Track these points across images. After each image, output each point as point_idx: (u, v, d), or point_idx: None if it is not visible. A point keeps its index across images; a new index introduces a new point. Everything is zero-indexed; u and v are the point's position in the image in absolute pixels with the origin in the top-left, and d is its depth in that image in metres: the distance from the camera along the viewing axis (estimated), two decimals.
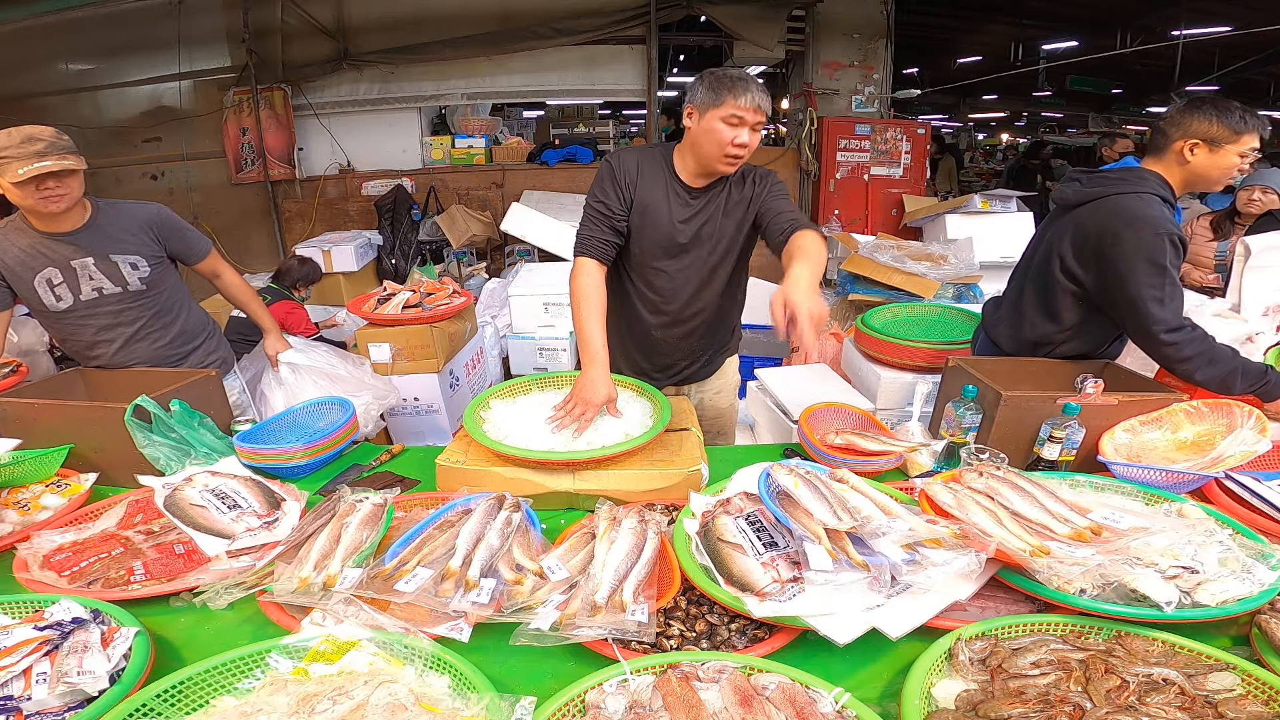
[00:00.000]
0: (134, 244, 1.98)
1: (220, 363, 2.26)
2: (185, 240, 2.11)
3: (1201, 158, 1.69)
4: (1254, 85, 10.73)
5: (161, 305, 2.08)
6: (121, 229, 1.96)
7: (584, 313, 1.75)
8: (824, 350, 4.32)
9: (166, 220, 2.06)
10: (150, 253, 2.01)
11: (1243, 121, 1.64)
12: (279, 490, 1.51)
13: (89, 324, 2.00)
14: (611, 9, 5.17)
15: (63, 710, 0.91)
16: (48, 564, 1.27)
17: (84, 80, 5.55)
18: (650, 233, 1.81)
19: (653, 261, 1.86)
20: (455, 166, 5.64)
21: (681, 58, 9.56)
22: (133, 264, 1.97)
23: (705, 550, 1.19)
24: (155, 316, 2.07)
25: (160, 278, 2.06)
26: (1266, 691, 0.91)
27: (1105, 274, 1.72)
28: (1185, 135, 1.70)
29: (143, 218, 2.01)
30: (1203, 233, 3.45)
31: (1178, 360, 1.66)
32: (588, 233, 1.81)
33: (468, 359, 3.32)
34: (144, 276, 2.00)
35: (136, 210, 2.02)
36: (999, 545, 1.11)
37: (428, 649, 1.00)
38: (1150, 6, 7.29)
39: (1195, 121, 1.67)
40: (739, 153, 1.65)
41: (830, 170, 5.58)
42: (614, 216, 1.79)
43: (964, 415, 1.65)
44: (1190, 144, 1.69)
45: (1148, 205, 1.69)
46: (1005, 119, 15.83)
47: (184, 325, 2.15)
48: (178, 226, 2.10)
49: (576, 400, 1.63)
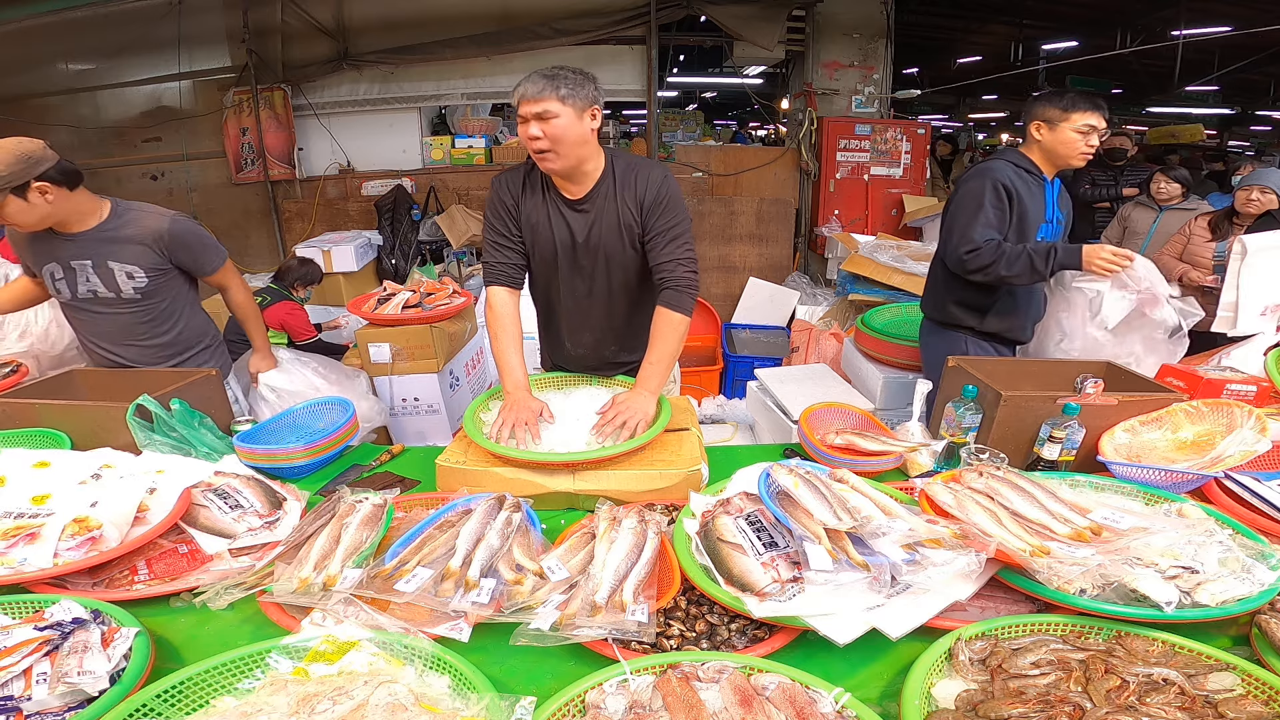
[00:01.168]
0: (135, 254, 1.96)
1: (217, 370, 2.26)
2: (195, 256, 2.08)
3: (1046, 135, 2.08)
4: (1254, 85, 10.71)
5: (156, 314, 2.07)
6: (128, 237, 1.96)
7: (501, 344, 1.79)
8: (824, 350, 4.33)
9: (179, 236, 2.02)
10: (151, 264, 1.99)
11: (1072, 103, 2.01)
12: (280, 490, 1.51)
13: (83, 319, 2.06)
14: (611, 9, 5.16)
15: (63, 710, 0.91)
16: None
17: (84, 80, 5.54)
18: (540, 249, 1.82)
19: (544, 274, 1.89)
20: (455, 166, 5.64)
21: (681, 58, 9.55)
22: (129, 273, 1.96)
23: (705, 550, 1.19)
24: (147, 324, 2.07)
25: (159, 288, 2.04)
26: (1266, 691, 0.91)
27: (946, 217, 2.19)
28: (1032, 119, 2.10)
29: (154, 229, 1.98)
30: (1201, 233, 3.44)
31: (980, 268, 2.03)
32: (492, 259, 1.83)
33: (468, 359, 3.32)
34: (139, 286, 1.99)
35: (151, 221, 1.99)
36: (999, 545, 1.11)
37: (428, 649, 1.00)
38: (1150, 6, 7.28)
39: (1037, 107, 2.08)
40: (532, 145, 1.61)
41: (830, 170, 5.58)
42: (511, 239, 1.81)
43: (964, 415, 1.65)
44: (1036, 125, 2.09)
45: (989, 165, 2.13)
46: (1005, 119, 15.82)
47: (179, 335, 2.14)
48: (190, 244, 2.05)
49: (514, 419, 1.62)
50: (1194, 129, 10.85)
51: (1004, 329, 2.23)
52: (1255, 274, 2.33)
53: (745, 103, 12.64)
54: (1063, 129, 2.03)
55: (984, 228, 2.04)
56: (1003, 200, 2.06)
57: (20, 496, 1.36)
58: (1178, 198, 4.13)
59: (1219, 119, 13.04)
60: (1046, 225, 2.15)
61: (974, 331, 2.26)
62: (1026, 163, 2.13)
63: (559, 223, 1.77)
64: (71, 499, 1.35)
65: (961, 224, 2.08)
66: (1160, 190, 4.15)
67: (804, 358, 4.52)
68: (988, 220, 2.04)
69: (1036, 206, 2.11)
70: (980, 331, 2.25)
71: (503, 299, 1.82)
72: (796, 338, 4.79)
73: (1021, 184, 2.09)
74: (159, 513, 1.37)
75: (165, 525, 1.33)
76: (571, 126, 1.59)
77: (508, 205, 1.79)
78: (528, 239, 1.82)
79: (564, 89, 1.57)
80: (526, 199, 1.79)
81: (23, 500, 1.35)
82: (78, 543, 1.24)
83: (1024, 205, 2.08)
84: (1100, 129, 2.02)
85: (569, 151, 1.62)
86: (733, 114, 14.53)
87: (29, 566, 1.19)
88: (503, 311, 1.81)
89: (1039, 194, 2.13)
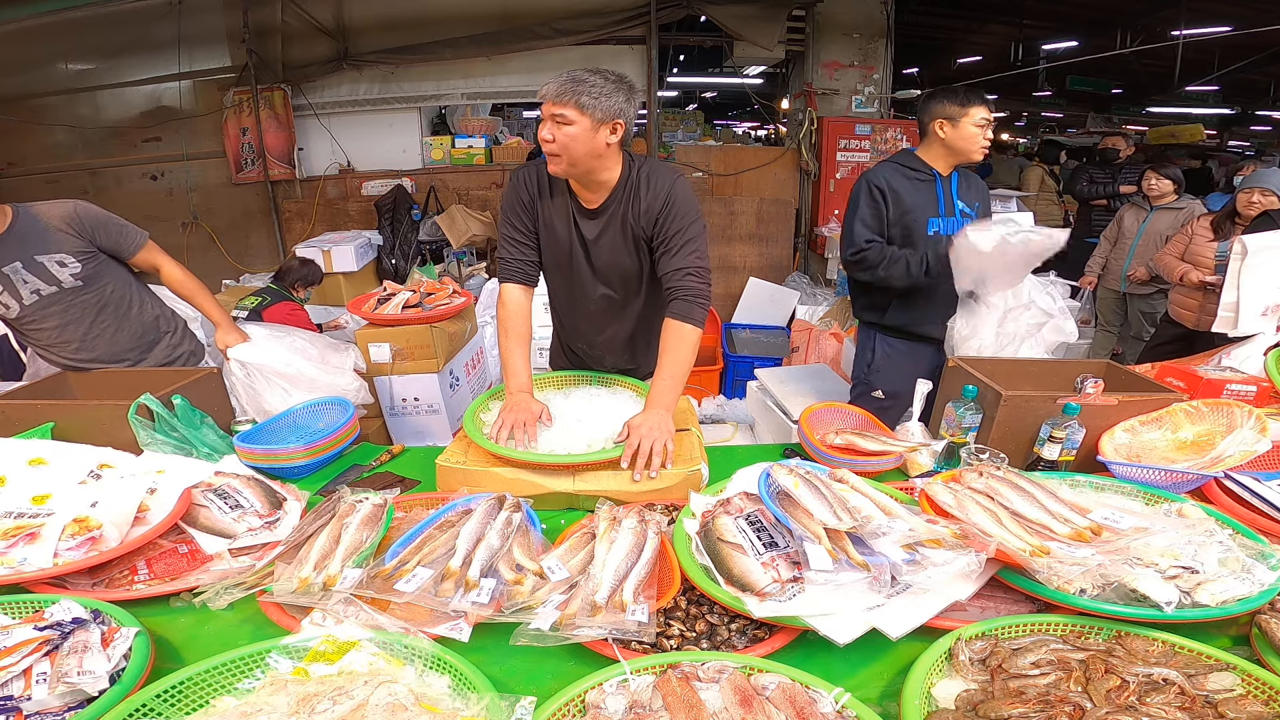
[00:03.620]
0: (56, 242, 1.98)
1: (188, 355, 2.26)
2: (112, 232, 2.08)
3: (949, 131, 2.15)
4: (1254, 85, 10.71)
5: (107, 300, 2.07)
6: (40, 230, 1.97)
7: (509, 343, 1.78)
8: (824, 350, 4.33)
9: (85, 214, 2.03)
10: (76, 248, 2.00)
11: (967, 99, 2.12)
12: (280, 490, 1.51)
13: (44, 326, 2.04)
14: (611, 9, 5.16)
15: (63, 710, 0.91)
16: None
17: (84, 80, 5.54)
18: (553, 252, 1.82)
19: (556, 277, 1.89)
20: (455, 166, 5.64)
21: (681, 58, 9.55)
22: (59, 261, 1.97)
23: (705, 550, 1.19)
24: (104, 311, 2.06)
25: (97, 272, 2.05)
26: (1266, 691, 0.91)
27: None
28: (932, 118, 2.18)
29: (59, 215, 2.00)
30: (1203, 233, 3.44)
31: (866, 267, 2.18)
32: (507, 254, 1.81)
33: (468, 359, 3.32)
34: (76, 273, 2.00)
35: (53, 209, 2.01)
36: (999, 545, 1.11)
37: (428, 649, 1.00)
38: (1150, 6, 7.28)
39: (936, 105, 2.17)
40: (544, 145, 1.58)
41: (830, 170, 5.57)
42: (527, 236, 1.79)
43: (964, 415, 1.65)
44: (938, 123, 2.17)
45: (870, 169, 2.26)
46: (1005, 119, 15.85)
47: (141, 319, 2.15)
48: (100, 219, 2.06)
49: (513, 421, 1.59)
50: (1194, 129, 10.86)
51: (906, 323, 2.32)
52: (1256, 274, 2.33)
53: (745, 103, 12.63)
54: (963, 124, 2.13)
55: (861, 227, 2.19)
56: (877, 200, 2.19)
57: (20, 496, 1.36)
58: (1169, 195, 4.13)
59: (1219, 119, 13.04)
60: (942, 219, 2.23)
61: (880, 327, 2.38)
62: (914, 161, 2.24)
63: (574, 229, 1.76)
64: (72, 499, 1.35)
65: (845, 228, 2.26)
66: (1151, 187, 4.16)
67: (804, 358, 4.52)
68: (864, 220, 2.20)
69: (922, 201, 2.21)
70: (885, 327, 2.37)
71: (516, 296, 1.81)
72: (796, 338, 4.79)
73: (903, 181, 2.20)
74: (159, 513, 1.37)
75: (165, 525, 1.33)
76: (583, 137, 1.54)
77: (524, 202, 1.77)
78: (543, 239, 1.80)
79: (586, 96, 1.52)
80: (544, 200, 1.76)
81: (23, 500, 1.35)
82: (78, 543, 1.24)
83: (904, 202, 2.19)
84: (992, 121, 2.15)
85: (576, 160, 1.59)
86: (733, 114, 14.53)
87: (29, 566, 1.20)
88: (515, 310, 1.80)
89: (926, 189, 2.22)
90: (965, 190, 2.29)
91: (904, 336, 2.35)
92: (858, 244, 2.19)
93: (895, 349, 2.37)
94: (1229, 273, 2.38)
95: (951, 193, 2.25)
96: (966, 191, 2.29)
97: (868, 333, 2.44)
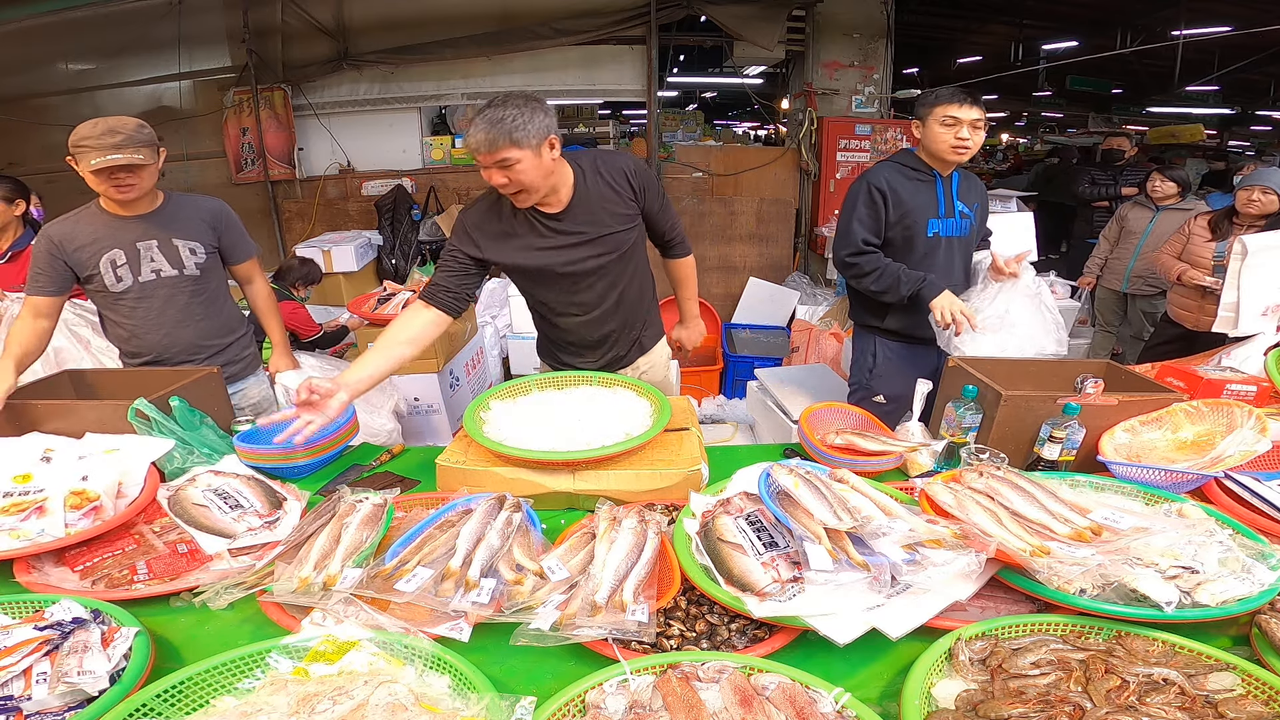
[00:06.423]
0: (196, 231, 2.11)
1: (251, 359, 2.36)
2: (237, 240, 2.24)
3: (922, 132, 2.18)
4: (1254, 85, 10.71)
5: (210, 293, 2.18)
6: (187, 217, 2.10)
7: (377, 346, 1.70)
8: (824, 350, 4.33)
9: (227, 215, 2.21)
10: (208, 241, 2.14)
11: (936, 97, 2.12)
12: (280, 490, 1.51)
13: (141, 307, 2.08)
14: (611, 9, 5.16)
15: (63, 710, 0.91)
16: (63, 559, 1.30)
17: (84, 80, 5.53)
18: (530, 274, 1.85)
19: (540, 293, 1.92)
20: (455, 166, 5.63)
21: (681, 58, 9.55)
22: (191, 249, 2.09)
23: (705, 550, 1.19)
24: (204, 303, 2.16)
25: (212, 266, 2.17)
26: (1266, 691, 0.91)
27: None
28: (913, 119, 2.23)
29: (207, 208, 2.16)
30: (1200, 233, 3.44)
31: (861, 275, 2.20)
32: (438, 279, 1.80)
33: (468, 359, 3.33)
34: (200, 263, 2.11)
35: (202, 202, 2.18)
36: (999, 545, 1.11)
37: (428, 649, 1.00)
38: (1150, 6, 7.28)
39: (916, 108, 2.22)
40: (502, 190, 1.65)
41: (830, 170, 5.57)
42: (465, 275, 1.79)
43: (964, 415, 1.65)
44: (914, 124, 2.22)
45: (870, 168, 2.27)
46: (1005, 119, 15.84)
47: (226, 317, 2.26)
48: (234, 222, 2.24)
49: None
50: (1194, 129, 10.86)
51: (904, 327, 2.30)
52: (1256, 274, 2.33)
53: (745, 102, 12.63)
54: (930, 124, 2.14)
55: (859, 226, 2.19)
56: (876, 201, 2.19)
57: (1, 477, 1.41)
58: (1174, 197, 4.13)
59: (1219, 119, 13.04)
60: (941, 220, 2.23)
61: (880, 330, 2.37)
62: (914, 161, 2.24)
63: (543, 242, 1.78)
64: (61, 474, 1.41)
65: (841, 226, 2.26)
66: (1156, 189, 4.16)
67: (804, 358, 4.52)
68: (861, 220, 2.20)
69: (922, 201, 2.20)
70: (884, 330, 2.35)
71: (422, 316, 1.75)
72: (796, 338, 4.79)
73: (903, 182, 2.20)
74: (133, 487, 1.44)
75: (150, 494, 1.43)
76: (534, 166, 1.59)
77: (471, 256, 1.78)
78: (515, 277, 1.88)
79: (516, 132, 1.53)
80: (498, 243, 1.78)
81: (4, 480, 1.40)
82: (82, 513, 1.30)
83: (904, 203, 2.19)
84: (966, 120, 2.07)
85: (536, 187, 1.65)
86: (733, 114, 14.53)
87: (46, 537, 1.26)
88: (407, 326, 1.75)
89: (926, 189, 2.21)
90: (965, 190, 2.29)
91: (904, 340, 2.35)
92: (853, 246, 2.20)
93: (896, 353, 2.36)
94: (1229, 273, 2.38)
95: (952, 193, 2.25)
96: (967, 192, 2.29)
97: (867, 337, 2.42)
